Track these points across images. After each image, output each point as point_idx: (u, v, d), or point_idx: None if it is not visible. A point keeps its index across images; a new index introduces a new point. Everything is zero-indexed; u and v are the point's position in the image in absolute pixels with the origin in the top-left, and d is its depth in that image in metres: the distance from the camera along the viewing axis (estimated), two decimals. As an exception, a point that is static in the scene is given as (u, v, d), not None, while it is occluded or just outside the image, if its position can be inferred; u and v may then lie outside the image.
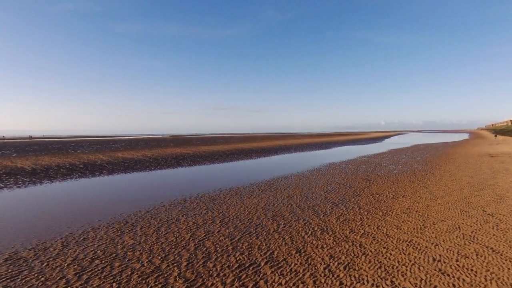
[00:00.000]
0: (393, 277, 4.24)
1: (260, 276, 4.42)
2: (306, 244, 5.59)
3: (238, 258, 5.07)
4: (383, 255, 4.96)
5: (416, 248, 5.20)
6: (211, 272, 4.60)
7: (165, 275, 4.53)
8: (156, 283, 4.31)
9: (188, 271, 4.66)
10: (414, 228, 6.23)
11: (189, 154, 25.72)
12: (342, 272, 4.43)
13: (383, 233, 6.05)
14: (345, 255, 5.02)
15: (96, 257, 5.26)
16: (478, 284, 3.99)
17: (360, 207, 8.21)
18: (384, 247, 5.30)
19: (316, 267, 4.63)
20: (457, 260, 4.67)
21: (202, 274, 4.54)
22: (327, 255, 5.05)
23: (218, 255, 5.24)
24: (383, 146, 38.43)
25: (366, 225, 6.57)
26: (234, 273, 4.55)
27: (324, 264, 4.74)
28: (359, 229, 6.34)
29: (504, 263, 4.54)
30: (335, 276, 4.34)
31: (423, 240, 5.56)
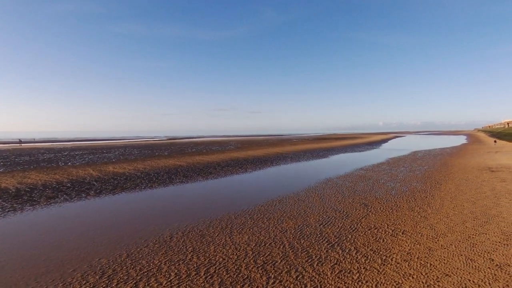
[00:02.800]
0: None
1: None
2: (297, 314, 4.99)
3: None
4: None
5: (420, 323, 4.63)
6: None
7: None
8: None
9: None
10: (416, 288, 5.66)
11: (182, 166, 25.08)
12: None
13: (382, 295, 5.47)
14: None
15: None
16: None
17: (357, 250, 7.63)
18: (384, 321, 4.72)
19: None
20: None
21: None
22: (319, 335, 4.46)
23: (197, 332, 4.63)
24: (380, 154, 38.00)
25: (364, 282, 5.99)
26: None
27: None
28: (356, 288, 5.76)
29: None
30: None
31: (427, 309, 4.98)
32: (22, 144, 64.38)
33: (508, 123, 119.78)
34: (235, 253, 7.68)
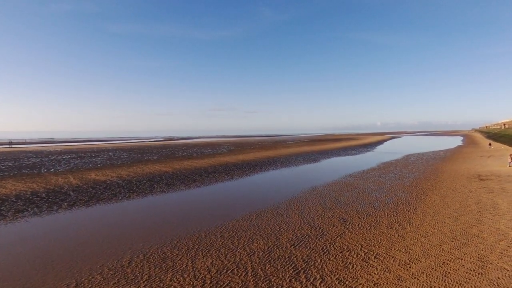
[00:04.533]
0: None
1: None
2: None
3: None
4: None
5: None
6: None
7: None
8: None
9: None
10: (374, 332, 5.14)
11: (168, 173, 24.51)
12: None
13: None
14: None
15: None
16: None
17: (322, 279, 7.12)
18: None
19: None
20: None
21: None
22: None
23: None
24: (373, 158, 37.57)
25: (320, 323, 5.47)
26: None
27: None
28: (309, 332, 5.24)
29: None
30: None
31: None
32: (12, 146, 63.48)
33: (504, 124, 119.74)
34: (191, 283, 7.14)
